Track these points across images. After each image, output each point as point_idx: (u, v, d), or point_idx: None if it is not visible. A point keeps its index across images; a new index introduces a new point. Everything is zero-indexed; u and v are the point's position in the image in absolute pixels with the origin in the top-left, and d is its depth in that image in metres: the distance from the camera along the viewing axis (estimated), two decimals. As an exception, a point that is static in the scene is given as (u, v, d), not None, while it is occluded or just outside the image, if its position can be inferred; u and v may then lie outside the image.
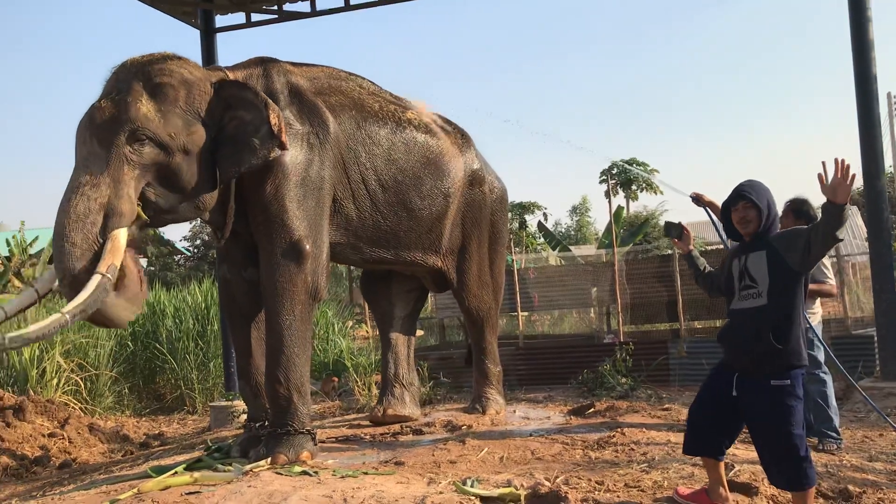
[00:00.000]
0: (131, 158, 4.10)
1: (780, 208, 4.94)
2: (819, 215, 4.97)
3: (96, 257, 3.98)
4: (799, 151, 68.99)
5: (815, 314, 5.04)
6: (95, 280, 3.89)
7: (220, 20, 8.48)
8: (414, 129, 5.46)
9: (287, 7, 8.41)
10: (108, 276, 3.94)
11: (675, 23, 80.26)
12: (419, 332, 12.41)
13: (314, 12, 8.31)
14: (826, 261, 5.02)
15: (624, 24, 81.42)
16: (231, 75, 4.67)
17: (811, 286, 4.88)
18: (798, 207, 5.03)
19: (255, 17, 8.46)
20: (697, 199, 5.32)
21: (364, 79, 5.53)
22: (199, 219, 4.90)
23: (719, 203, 5.27)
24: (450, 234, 5.72)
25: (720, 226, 5.62)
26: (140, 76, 4.25)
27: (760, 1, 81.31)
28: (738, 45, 76.89)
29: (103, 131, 4.11)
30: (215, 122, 4.40)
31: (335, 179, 4.88)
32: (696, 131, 71.26)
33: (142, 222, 4.26)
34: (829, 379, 4.91)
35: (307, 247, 4.59)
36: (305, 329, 4.62)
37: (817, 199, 5.06)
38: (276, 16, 8.46)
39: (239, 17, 8.48)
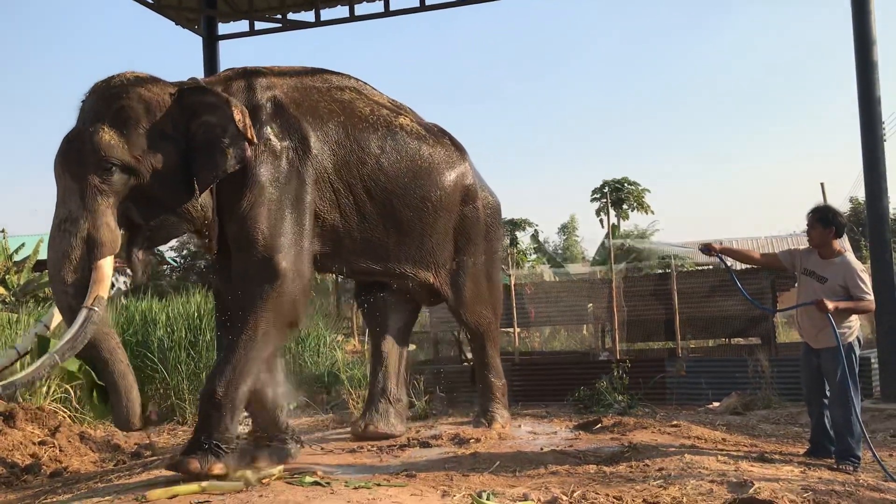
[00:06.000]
0: (102, 188, 4.11)
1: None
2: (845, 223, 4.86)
3: (84, 291, 4.04)
4: (795, 175, 69.54)
5: (852, 329, 4.82)
6: (82, 315, 3.98)
7: (224, 28, 8.47)
8: (406, 136, 5.25)
9: (291, 16, 8.39)
10: (95, 308, 4.01)
11: (672, 43, 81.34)
12: (411, 346, 12.34)
13: (318, 22, 8.29)
14: (864, 275, 4.83)
15: (618, 44, 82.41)
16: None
17: (848, 304, 4.70)
18: (824, 216, 4.86)
19: (259, 25, 8.44)
20: (707, 250, 5.23)
21: (358, 80, 5.36)
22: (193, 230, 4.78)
23: (733, 245, 5.21)
24: (442, 249, 5.53)
25: (732, 270, 5.57)
26: (100, 102, 4.24)
27: (757, 24, 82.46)
28: (732, 69, 77.83)
29: (72, 164, 4.14)
30: (182, 134, 4.32)
31: (317, 195, 4.74)
32: (688, 152, 71.84)
33: (139, 245, 4.33)
34: (856, 403, 4.74)
35: (284, 264, 4.42)
36: (265, 350, 4.42)
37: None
38: (279, 24, 8.43)
39: (242, 26, 8.48)
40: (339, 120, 4.95)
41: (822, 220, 4.84)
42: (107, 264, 4.11)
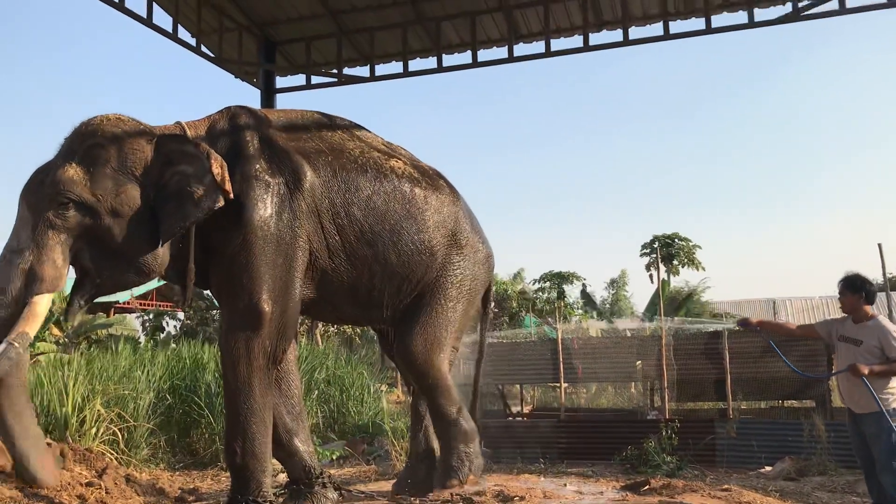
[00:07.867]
0: (55, 223, 4.06)
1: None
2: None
3: (12, 325, 3.95)
4: (853, 234, 68.09)
5: (895, 395, 4.77)
6: (0, 348, 3.85)
7: (281, 81, 8.71)
8: (397, 179, 5.06)
9: (347, 71, 8.60)
10: (16, 344, 3.89)
11: (723, 98, 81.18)
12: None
13: (373, 77, 8.48)
14: None
15: (669, 99, 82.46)
16: (190, 131, 4.57)
17: (883, 367, 4.69)
18: (853, 283, 4.97)
19: (315, 79, 8.67)
20: (746, 324, 5.39)
21: (351, 123, 5.30)
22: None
23: (772, 318, 5.24)
24: (419, 294, 5.19)
25: (774, 342, 5.67)
26: (76, 140, 4.26)
27: (812, 79, 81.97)
28: (787, 125, 77.02)
29: (31, 195, 4.15)
30: (154, 181, 4.28)
31: (310, 231, 4.61)
32: (740, 209, 70.77)
33: (86, 292, 4.24)
34: None
35: (267, 308, 4.36)
36: (263, 396, 4.38)
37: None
38: (335, 79, 8.65)
39: (299, 80, 8.71)
40: (328, 160, 4.82)
41: (852, 287, 4.98)
42: (42, 301, 3.98)
